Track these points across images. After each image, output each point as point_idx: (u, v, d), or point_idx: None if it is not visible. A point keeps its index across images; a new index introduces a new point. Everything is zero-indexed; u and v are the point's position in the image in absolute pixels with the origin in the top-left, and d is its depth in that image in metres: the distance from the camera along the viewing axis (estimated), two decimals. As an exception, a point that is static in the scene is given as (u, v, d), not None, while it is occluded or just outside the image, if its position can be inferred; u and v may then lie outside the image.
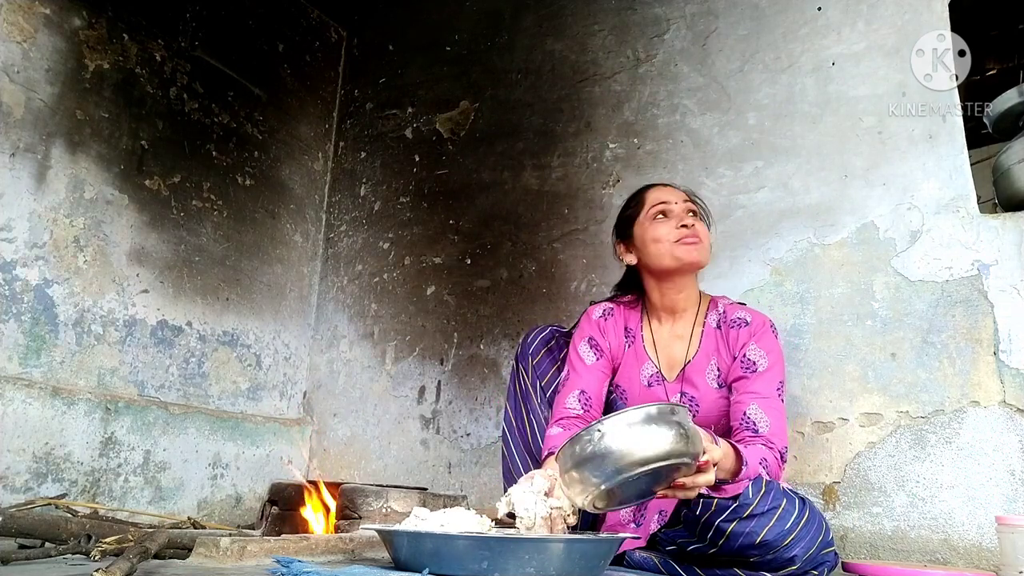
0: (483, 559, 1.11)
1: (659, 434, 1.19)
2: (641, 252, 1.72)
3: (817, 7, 2.23)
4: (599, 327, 1.77)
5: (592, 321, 1.78)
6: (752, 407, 1.56)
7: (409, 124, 3.07)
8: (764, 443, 1.51)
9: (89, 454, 2.25)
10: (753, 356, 1.62)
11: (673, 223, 1.67)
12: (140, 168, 2.52)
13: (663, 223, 1.67)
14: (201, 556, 1.23)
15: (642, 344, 1.75)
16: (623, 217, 1.79)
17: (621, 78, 2.56)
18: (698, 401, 1.68)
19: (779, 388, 1.60)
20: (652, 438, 1.18)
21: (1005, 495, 1.72)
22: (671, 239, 1.65)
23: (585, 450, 1.20)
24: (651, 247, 1.68)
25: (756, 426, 1.54)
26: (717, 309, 1.72)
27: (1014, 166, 1.91)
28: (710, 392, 1.67)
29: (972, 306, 1.84)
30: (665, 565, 1.51)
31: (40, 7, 2.27)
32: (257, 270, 2.90)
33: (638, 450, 1.18)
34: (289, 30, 3.13)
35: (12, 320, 2.14)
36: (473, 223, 2.78)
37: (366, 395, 2.85)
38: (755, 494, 1.42)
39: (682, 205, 1.69)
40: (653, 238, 1.67)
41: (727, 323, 1.68)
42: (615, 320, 1.78)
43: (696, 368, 1.69)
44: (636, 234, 1.73)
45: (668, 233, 1.66)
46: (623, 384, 1.76)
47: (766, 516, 1.40)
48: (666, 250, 1.66)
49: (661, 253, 1.66)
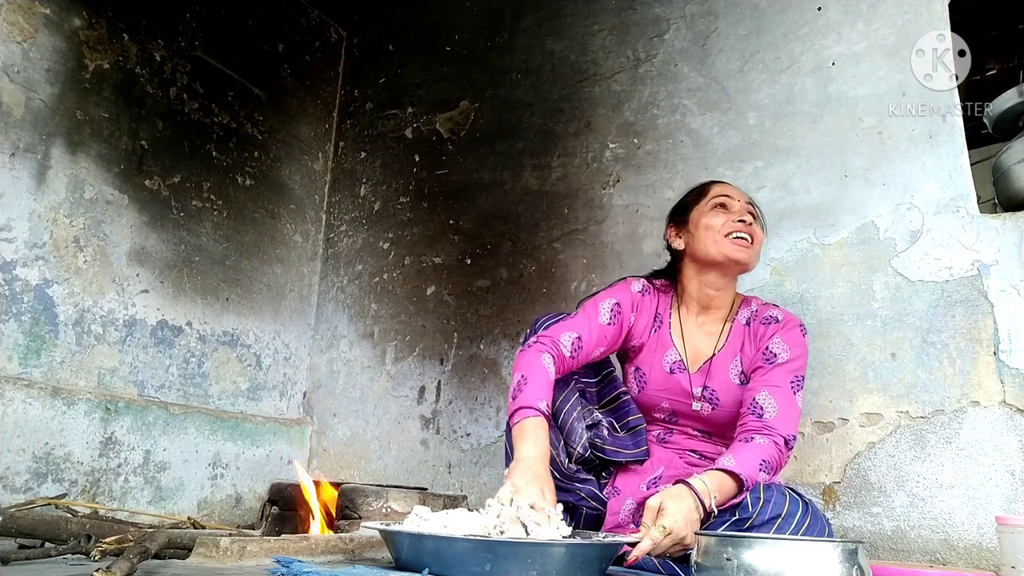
0: (485, 561, 1.11)
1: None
2: (692, 237, 1.72)
3: (817, 7, 2.23)
4: (635, 300, 1.75)
5: (631, 292, 1.76)
6: (763, 394, 1.56)
7: (409, 124, 3.07)
8: (765, 431, 1.51)
9: (89, 454, 2.25)
10: (775, 348, 1.63)
11: (732, 216, 1.68)
12: (140, 168, 2.52)
13: (721, 213, 1.69)
14: (201, 556, 1.23)
15: (668, 331, 1.75)
16: (682, 203, 1.79)
17: (621, 78, 2.56)
18: (719, 395, 1.68)
19: (794, 381, 1.60)
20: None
21: (1005, 495, 1.72)
22: (724, 231, 1.66)
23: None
24: (703, 233, 1.69)
25: (763, 411, 1.54)
26: (750, 307, 1.74)
27: (1014, 166, 1.91)
28: (732, 388, 1.67)
29: (972, 306, 1.84)
30: (664, 565, 1.50)
31: (40, 7, 2.27)
32: (257, 270, 2.90)
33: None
34: (289, 30, 3.13)
35: (12, 320, 2.14)
36: (473, 223, 2.78)
37: (366, 395, 2.85)
38: (755, 505, 1.40)
39: (743, 204, 1.70)
40: (707, 225, 1.68)
41: (757, 320, 1.70)
42: (650, 300, 1.77)
43: (720, 363, 1.69)
44: (692, 218, 1.73)
45: (723, 224, 1.67)
46: (644, 368, 1.74)
47: (767, 526, 1.37)
48: (717, 239, 1.67)
49: (712, 241, 1.67)
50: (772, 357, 1.62)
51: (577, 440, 1.66)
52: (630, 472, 1.70)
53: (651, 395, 1.73)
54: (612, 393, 1.77)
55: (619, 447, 1.69)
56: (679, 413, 1.72)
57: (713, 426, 1.70)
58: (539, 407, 1.46)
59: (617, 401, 1.77)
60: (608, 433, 1.70)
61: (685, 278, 1.76)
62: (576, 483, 1.63)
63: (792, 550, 1.10)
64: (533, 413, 1.45)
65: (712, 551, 1.15)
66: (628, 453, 1.69)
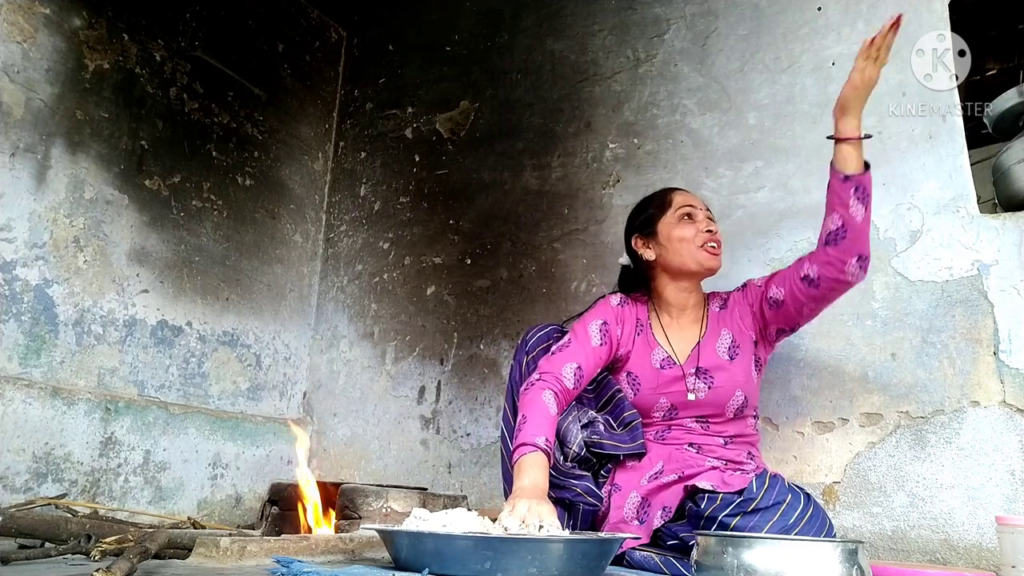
0: (485, 559, 1.11)
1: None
2: (663, 249, 1.77)
3: (817, 7, 2.23)
4: (617, 313, 1.80)
5: (611, 307, 1.81)
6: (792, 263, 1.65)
7: (409, 124, 3.07)
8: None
9: (89, 454, 2.25)
10: (757, 287, 1.74)
11: (700, 227, 1.75)
12: (140, 168, 2.52)
13: (689, 225, 1.75)
14: (201, 556, 1.23)
15: (651, 333, 1.79)
16: (647, 215, 1.82)
17: (621, 78, 2.56)
18: (711, 374, 1.70)
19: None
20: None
21: (1005, 495, 1.72)
22: (697, 242, 1.73)
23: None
24: (676, 245, 1.74)
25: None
26: (718, 297, 1.82)
27: (1014, 166, 1.91)
28: (723, 363, 1.71)
29: (972, 306, 1.84)
30: (666, 563, 1.50)
31: (40, 7, 2.27)
32: (257, 270, 2.90)
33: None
34: (289, 30, 3.13)
35: (12, 320, 2.14)
36: (473, 223, 2.78)
37: (366, 395, 2.85)
38: (759, 488, 1.45)
39: (704, 212, 1.79)
40: (680, 237, 1.74)
41: (729, 302, 1.79)
42: (630, 309, 1.82)
43: (707, 345, 1.74)
44: (660, 231, 1.78)
45: (695, 236, 1.73)
46: (635, 371, 1.77)
47: (770, 511, 1.41)
48: (692, 251, 1.74)
49: (688, 253, 1.74)
50: (764, 288, 1.71)
51: (572, 440, 1.68)
52: (629, 468, 1.70)
53: (647, 395, 1.74)
54: (607, 394, 1.79)
55: (617, 441, 1.71)
56: (677, 405, 1.73)
57: (712, 407, 1.71)
58: (537, 443, 1.49)
59: (612, 400, 1.78)
60: (604, 429, 1.72)
61: (659, 286, 1.81)
62: (572, 479, 1.64)
63: (792, 550, 1.10)
64: (530, 449, 1.49)
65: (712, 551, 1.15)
66: (625, 447, 1.70)
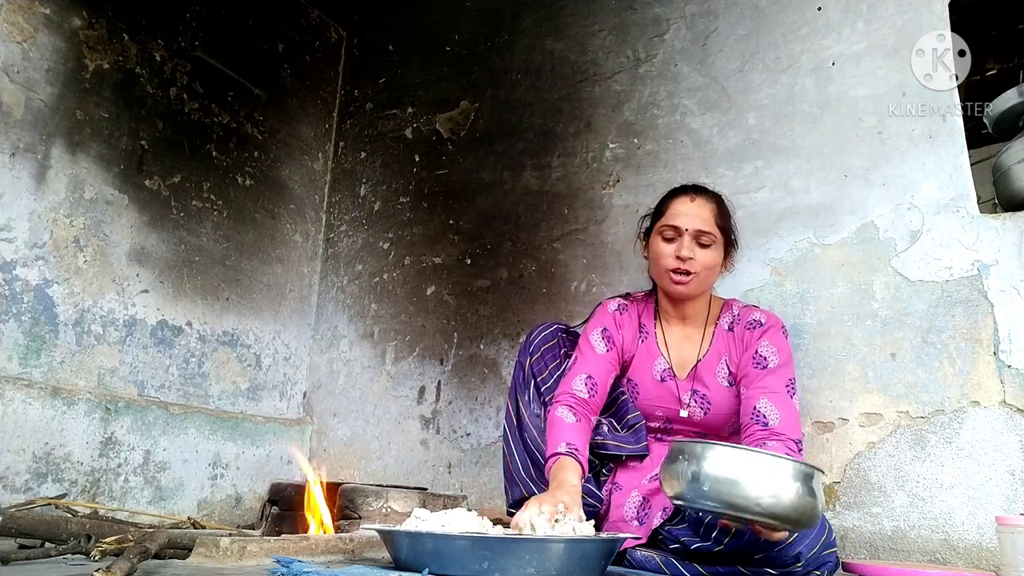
0: (484, 559, 1.11)
1: (803, 499, 1.11)
2: (649, 259, 1.78)
3: (817, 7, 2.23)
4: (615, 320, 1.79)
5: (608, 313, 1.80)
6: (762, 401, 1.57)
7: (409, 124, 3.07)
8: (775, 437, 1.52)
9: (89, 454, 2.25)
10: (764, 352, 1.64)
11: (675, 250, 1.66)
12: (140, 168, 2.52)
13: (666, 244, 1.69)
14: (201, 556, 1.23)
15: (655, 341, 1.78)
16: (648, 216, 1.82)
17: (621, 78, 2.56)
18: (709, 399, 1.70)
19: (789, 385, 1.61)
20: (796, 499, 1.11)
21: (1005, 495, 1.72)
22: (667, 266, 1.68)
23: (720, 471, 1.12)
24: (653, 259, 1.74)
25: (767, 419, 1.54)
26: (731, 311, 1.76)
27: (1014, 166, 1.91)
28: (720, 390, 1.69)
29: (972, 306, 1.84)
30: (667, 564, 1.51)
31: (40, 7, 2.27)
32: (257, 270, 2.90)
33: (774, 502, 1.11)
34: (289, 30, 3.13)
35: (12, 320, 2.14)
36: (473, 223, 2.78)
37: (366, 395, 2.85)
38: None
39: (693, 231, 1.65)
40: (656, 253, 1.71)
41: (741, 325, 1.71)
42: (629, 315, 1.81)
43: (707, 367, 1.71)
44: (650, 238, 1.77)
45: (667, 259, 1.67)
46: (635, 379, 1.77)
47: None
48: (659, 272, 1.71)
49: (656, 272, 1.74)
50: (763, 361, 1.63)
51: None
52: (630, 469, 1.71)
53: (644, 404, 1.76)
54: (611, 396, 1.79)
55: (620, 442, 1.72)
56: (673, 420, 1.74)
57: (707, 430, 1.72)
58: (558, 450, 1.55)
59: (616, 403, 1.78)
60: (608, 430, 1.73)
61: (658, 290, 1.80)
62: None
63: (747, 460, 1.10)
64: (554, 459, 1.55)
65: (672, 455, 1.15)
66: (629, 448, 1.71)
